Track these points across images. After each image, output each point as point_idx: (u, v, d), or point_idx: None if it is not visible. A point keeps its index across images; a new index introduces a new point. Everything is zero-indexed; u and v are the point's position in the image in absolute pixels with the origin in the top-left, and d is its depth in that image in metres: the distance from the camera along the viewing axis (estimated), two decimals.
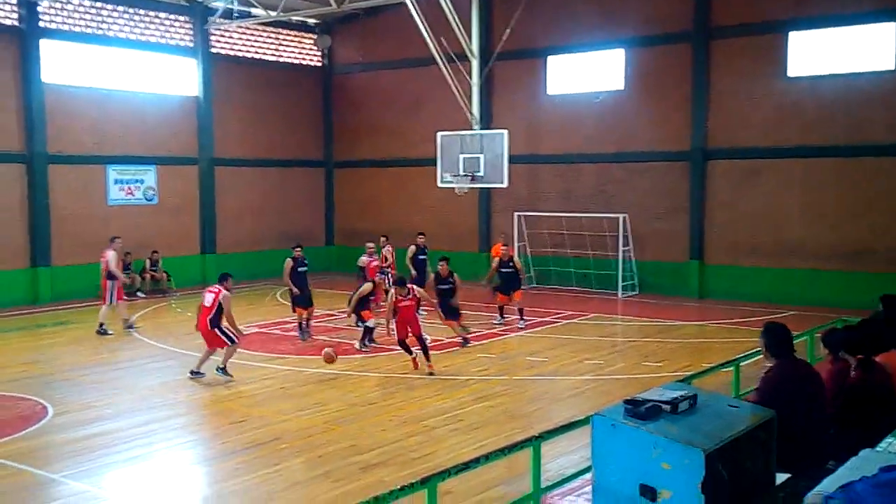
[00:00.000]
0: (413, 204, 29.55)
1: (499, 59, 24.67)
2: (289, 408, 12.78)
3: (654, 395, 6.04)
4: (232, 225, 28.23)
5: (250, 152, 29.01)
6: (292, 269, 18.18)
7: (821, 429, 6.84)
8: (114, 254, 19.28)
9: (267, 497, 9.30)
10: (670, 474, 5.46)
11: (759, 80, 23.25)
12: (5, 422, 12.12)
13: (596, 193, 25.91)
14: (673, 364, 15.59)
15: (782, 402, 6.43)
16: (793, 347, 7.07)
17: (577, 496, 8.96)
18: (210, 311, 14.30)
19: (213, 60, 27.76)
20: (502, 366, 15.75)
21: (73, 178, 24.39)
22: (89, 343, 18.14)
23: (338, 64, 31.48)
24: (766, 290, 22.97)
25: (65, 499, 9.31)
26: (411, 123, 29.23)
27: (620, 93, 25.41)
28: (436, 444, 11.11)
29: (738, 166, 23.71)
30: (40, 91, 23.36)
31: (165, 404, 13.14)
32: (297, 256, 18.53)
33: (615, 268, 24.76)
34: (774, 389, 6.65)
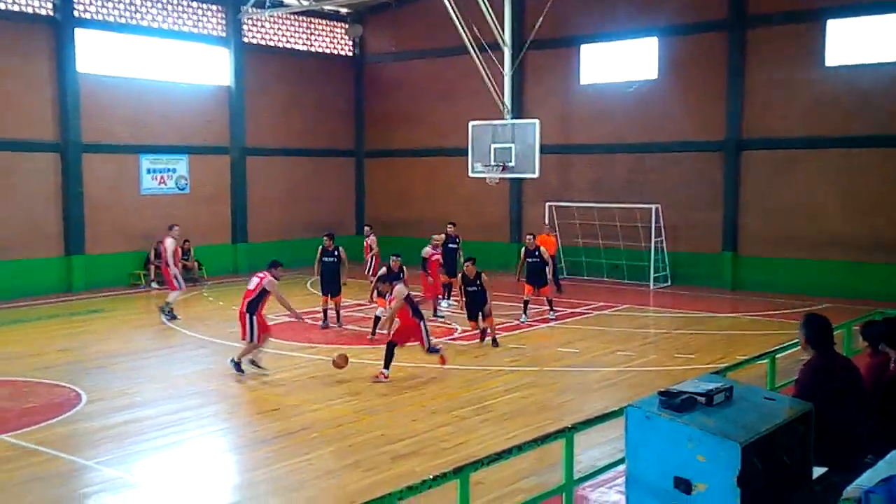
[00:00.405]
0: (444, 194, 29.50)
1: (531, 49, 24.50)
2: (320, 397, 12.78)
3: (690, 387, 5.97)
4: (263, 214, 28.32)
5: (282, 142, 29.08)
6: (319, 257, 18.74)
7: (859, 422, 6.72)
8: (172, 241, 19.47)
9: (298, 485, 9.30)
10: (705, 467, 5.39)
11: (795, 70, 22.94)
12: (39, 408, 12.23)
13: (628, 184, 25.71)
14: (706, 356, 15.43)
15: (821, 395, 6.32)
16: (832, 340, 6.94)
17: (609, 488, 8.87)
18: (251, 295, 14.16)
19: (246, 50, 27.83)
20: (533, 357, 15.67)
21: (107, 167, 24.58)
22: (122, 331, 18.29)
23: (369, 53, 31.46)
24: (801, 282, 22.69)
25: (97, 485, 9.37)
26: (443, 113, 29.16)
27: (654, 82, 25.18)
28: (466, 434, 11.06)
29: (773, 156, 23.42)
30: (75, 81, 23.55)
31: (197, 392, 13.20)
32: (325, 246, 18.72)
33: (647, 259, 24.57)
34: (813, 382, 6.54)
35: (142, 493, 9.28)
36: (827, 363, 6.70)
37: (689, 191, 24.72)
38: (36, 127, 23.13)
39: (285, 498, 8.99)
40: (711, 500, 5.37)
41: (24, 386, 13.48)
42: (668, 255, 24.86)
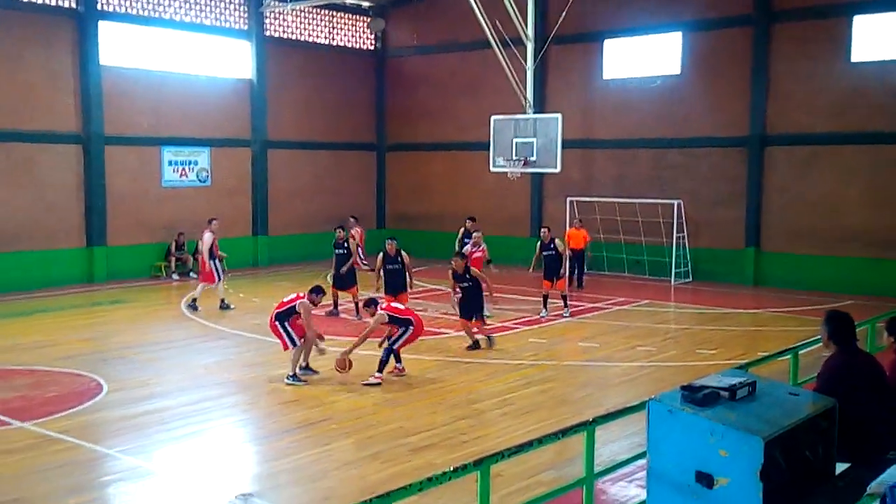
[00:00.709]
0: (465, 188, 29.48)
1: (554, 43, 24.44)
2: (339, 388, 12.80)
3: (712, 382, 5.94)
4: (284, 207, 28.38)
5: (303, 135, 29.14)
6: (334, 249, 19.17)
7: (881, 419, 6.66)
8: (210, 235, 19.66)
9: (318, 476, 9.31)
10: (728, 461, 5.36)
11: (821, 65, 22.74)
12: (61, 397, 12.32)
13: (650, 179, 25.60)
14: (727, 352, 15.34)
15: (843, 391, 6.27)
16: (855, 336, 6.88)
17: (629, 482, 8.84)
18: (282, 307, 13.44)
19: (267, 43, 27.89)
20: (553, 351, 15.64)
21: (129, 159, 24.71)
22: (143, 322, 18.39)
23: (391, 47, 31.45)
24: (824, 278, 22.53)
25: (118, 473, 9.43)
26: (464, 107, 29.12)
27: (677, 77, 25.04)
28: (486, 427, 11.05)
29: (797, 152, 23.24)
30: (98, 73, 23.67)
31: (218, 383, 13.25)
32: (337, 238, 19.22)
33: (668, 255, 24.46)
34: (836, 377, 6.49)
35: (162, 481, 9.32)
36: (849, 359, 6.65)
37: (712, 186, 24.58)
38: (59, 119, 23.28)
39: (305, 488, 9.01)
40: (733, 494, 5.34)
41: (46, 375, 13.57)
42: (689, 251, 24.73)
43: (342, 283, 18.90)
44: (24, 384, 13.01)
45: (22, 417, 11.23)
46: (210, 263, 19.56)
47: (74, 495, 8.72)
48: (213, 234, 19.73)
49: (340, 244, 18.98)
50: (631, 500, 8.24)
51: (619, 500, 8.43)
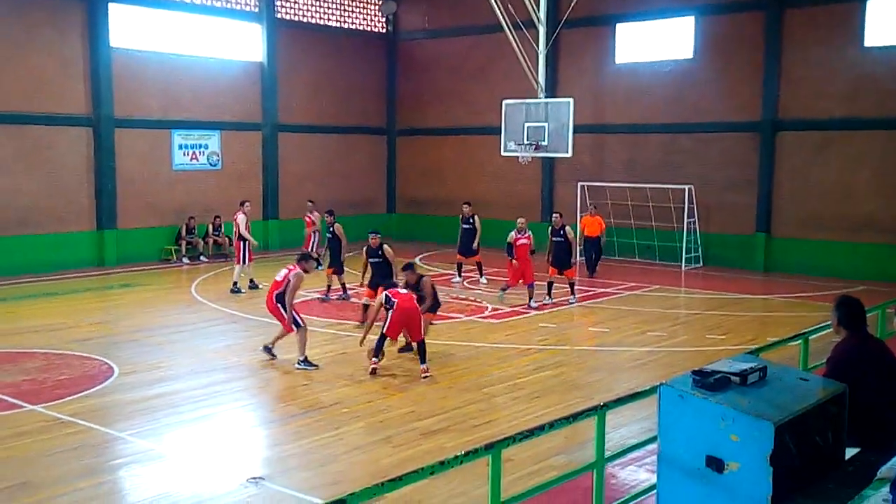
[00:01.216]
0: (476, 172, 29.43)
1: (566, 27, 24.30)
2: (349, 372, 12.83)
3: (723, 367, 5.93)
4: (294, 191, 28.37)
5: (314, 119, 29.11)
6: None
7: (892, 404, 6.63)
8: (244, 217, 19.98)
9: (328, 460, 9.34)
10: (738, 446, 5.36)
11: (833, 50, 22.59)
12: (73, 380, 12.37)
13: (662, 164, 25.50)
14: (737, 337, 15.32)
15: (853, 376, 6.26)
16: (865, 322, 6.86)
17: (639, 466, 8.85)
18: (278, 287, 13.41)
19: (278, 26, 27.83)
20: (563, 336, 15.63)
21: (140, 142, 24.72)
22: (154, 305, 18.43)
23: (402, 30, 31.36)
24: (835, 265, 22.46)
25: (130, 456, 9.47)
26: (476, 91, 29.05)
27: (690, 62, 24.91)
28: (496, 411, 11.06)
29: (809, 138, 23.12)
30: (108, 56, 23.65)
31: (228, 367, 13.29)
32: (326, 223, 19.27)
33: (679, 240, 24.39)
34: (846, 363, 6.47)
35: (172, 464, 9.36)
36: (859, 344, 6.63)
37: (723, 172, 24.48)
38: (69, 102, 23.28)
39: (315, 472, 9.03)
40: (744, 479, 5.33)
41: (57, 358, 13.63)
42: (700, 236, 24.66)
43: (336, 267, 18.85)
44: (35, 367, 13.07)
45: (33, 400, 11.28)
46: (239, 244, 19.92)
47: (86, 478, 8.77)
48: (246, 217, 20.12)
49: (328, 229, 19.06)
50: (641, 484, 8.24)
51: (630, 485, 8.44)
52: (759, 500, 5.24)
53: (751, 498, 5.28)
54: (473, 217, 21.21)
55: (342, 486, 8.16)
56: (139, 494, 8.44)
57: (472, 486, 8.09)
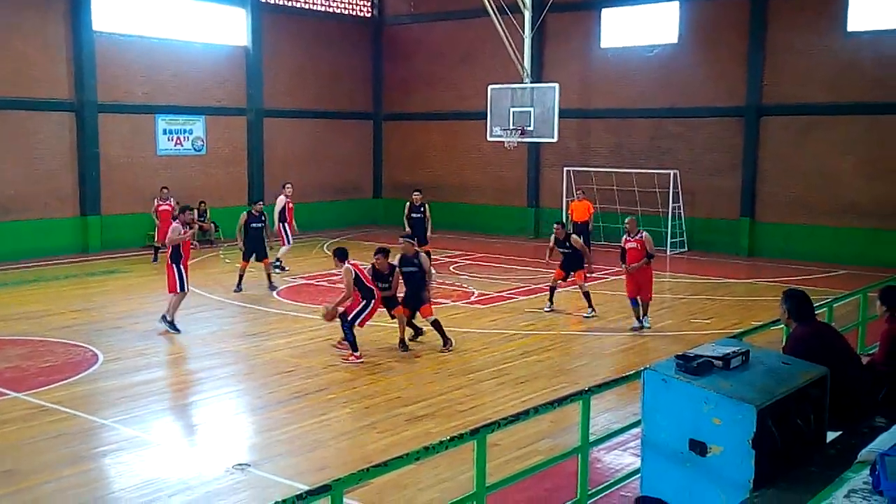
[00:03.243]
0: (461, 157, 29.43)
1: (552, 11, 24.28)
2: (335, 359, 12.82)
3: (706, 351, 5.97)
4: (280, 176, 28.12)
5: (299, 104, 29.00)
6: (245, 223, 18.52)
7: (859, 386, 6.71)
8: (283, 198, 20.66)
9: (314, 446, 9.36)
10: (721, 429, 5.41)
11: (817, 36, 22.67)
12: (57, 368, 12.33)
13: (647, 149, 25.56)
14: (721, 321, 15.41)
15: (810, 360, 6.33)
16: (814, 311, 6.96)
17: (624, 450, 8.91)
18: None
19: (263, 10, 27.68)
20: (549, 321, 15.66)
21: (123, 127, 24.58)
22: (138, 291, 18.37)
23: (388, 15, 31.25)
24: (818, 249, 22.58)
25: (116, 444, 9.45)
26: (461, 76, 29.00)
27: (674, 46, 24.94)
28: (482, 397, 11.10)
29: (794, 123, 23.21)
30: (91, 40, 23.45)
31: (214, 353, 13.28)
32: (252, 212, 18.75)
33: (664, 224, 24.46)
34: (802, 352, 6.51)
35: (159, 451, 9.36)
36: (811, 332, 6.74)
37: (709, 156, 24.56)
38: (51, 86, 23.10)
39: (302, 458, 9.05)
40: (726, 462, 5.38)
41: (41, 345, 13.58)
42: (685, 221, 24.75)
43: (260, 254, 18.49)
44: (19, 354, 13.02)
45: (17, 388, 11.24)
46: (280, 227, 20.34)
47: (71, 465, 8.75)
48: (287, 198, 20.58)
49: (257, 218, 18.51)
50: (626, 468, 8.30)
51: (614, 469, 8.49)
52: (741, 483, 5.29)
53: (733, 481, 5.33)
54: (424, 205, 20.13)
55: (328, 472, 8.17)
56: (125, 481, 8.44)
57: (458, 471, 8.13)
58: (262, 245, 18.46)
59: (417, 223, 20.04)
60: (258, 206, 19.05)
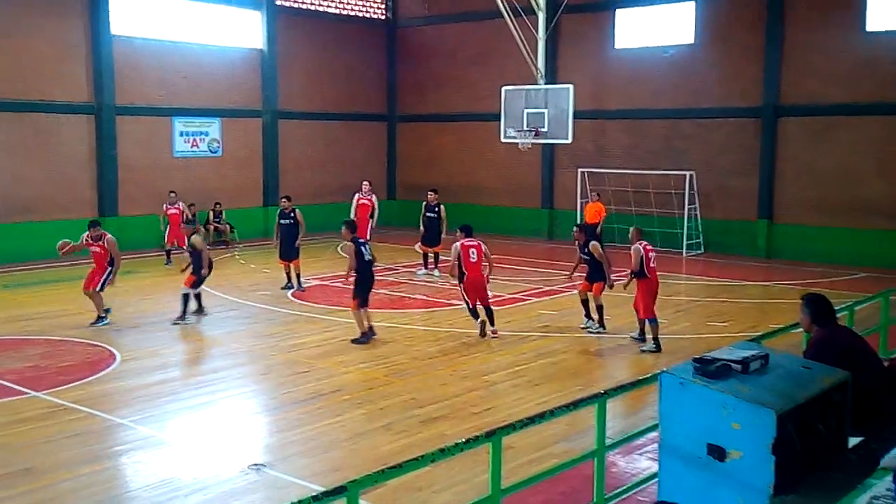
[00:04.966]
0: (476, 159, 29.40)
1: (566, 12, 24.22)
2: (351, 360, 12.84)
3: (725, 355, 5.91)
4: (295, 178, 28.34)
5: (314, 105, 29.05)
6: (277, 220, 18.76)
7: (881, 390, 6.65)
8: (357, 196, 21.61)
9: (329, 446, 9.36)
10: (740, 434, 5.35)
11: (835, 35, 22.52)
12: (75, 367, 12.39)
13: (663, 150, 25.46)
14: (739, 325, 15.32)
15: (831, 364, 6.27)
16: (834, 315, 6.91)
17: (640, 454, 8.86)
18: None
19: (278, 13, 27.74)
20: (564, 323, 15.61)
21: (140, 129, 24.69)
22: (155, 292, 18.42)
23: (402, 17, 31.26)
24: (837, 251, 22.42)
25: (132, 443, 9.48)
26: (475, 78, 28.98)
27: (690, 46, 24.84)
28: (497, 399, 11.07)
29: (811, 123, 23.07)
30: (109, 43, 23.59)
31: (230, 353, 13.31)
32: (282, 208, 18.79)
33: (680, 226, 24.37)
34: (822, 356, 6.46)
35: (174, 451, 9.38)
36: (831, 336, 6.70)
37: (725, 157, 24.44)
38: (71, 89, 23.26)
39: (316, 459, 9.04)
40: (745, 467, 5.32)
41: (59, 345, 13.65)
42: (701, 223, 24.64)
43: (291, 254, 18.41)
44: (37, 354, 13.09)
45: (35, 387, 11.30)
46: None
47: (88, 464, 8.78)
48: (360, 195, 21.33)
49: (286, 214, 18.58)
50: (642, 472, 8.25)
51: (631, 473, 8.45)
52: (761, 489, 5.23)
53: (753, 486, 5.27)
54: (439, 206, 20.28)
55: (343, 473, 8.16)
56: (141, 481, 8.46)
57: (473, 473, 8.10)
58: (291, 244, 18.28)
59: (432, 223, 20.19)
60: (283, 202, 18.95)
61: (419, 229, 20.68)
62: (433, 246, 20.24)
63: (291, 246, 18.28)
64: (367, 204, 21.37)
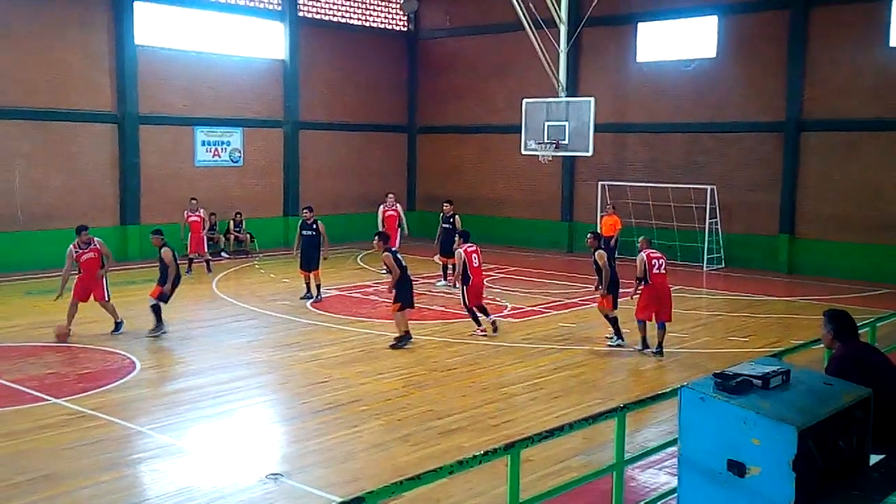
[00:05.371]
0: (496, 171, 29.42)
1: (587, 26, 24.23)
2: (369, 370, 12.84)
3: (745, 370, 5.87)
4: (315, 188, 28.43)
5: (335, 116, 29.16)
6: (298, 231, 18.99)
7: None
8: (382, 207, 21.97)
9: (346, 457, 9.35)
10: (760, 450, 5.30)
11: (859, 50, 22.40)
12: (95, 375, 12.46)
13: (684, 164, 25.37)
14: (759, 340, 15.22)
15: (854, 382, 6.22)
16: (857, 331, 6.90)
17: (659, 469, 8.80)
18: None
19: (301, 24, 27.89)
20: (583, 336, 15.57)
21: (163, 138, 24.87)
22: (176, 300, 18.43)
23: (424, 29, 31.36)
24: (860, 267, 22.24)
25: (150, 451, 9.52)
26: (496, 90, 29.02)
27: (712, 60, 24.76)
28: (515, 411, 11.04)
29: (834, 138, 22.93)
30: (133, 53, 23.80)
31: (249, 363, 13.34)
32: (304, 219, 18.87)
33: (701, 240, 24.25)
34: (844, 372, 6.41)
35: (192, 460, 9.41)
36: (853, 352, 6.65)
37: (747, 172, 24.32)
38: (94, 98, 23.47)
39: (334, 469, 9.05)
40: (765, 483, 5.28)
41: (81, 352, 13.75)
42: (722, 237, 24.52)
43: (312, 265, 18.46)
44: (59, 361, 13.18)
45: (56, 394, 11.37)
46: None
47: (107, 471, 8.82)
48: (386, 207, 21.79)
49: (308, 225, 18.65)
50: (661, 487, 8.20)
51: (650, 488, 8.40)
52: None
53: (773, 503, 5.23)
54: (454, 217, 20.54)
55: (360, 484, 8.17)
56: (159, 489, 8.49)
57: (491, 485, 8.08)
58: (311, 254, 18.33)
59: (446, 233, 20.33)
60: (305, 212, 19.06)
61: (435, 241, 20.84)
62: (449, 256, 20.26)
63: (312, 256, 18.33)
64: (393, 214, 21.66)
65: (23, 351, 13.81)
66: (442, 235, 20.53)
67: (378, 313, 17.05)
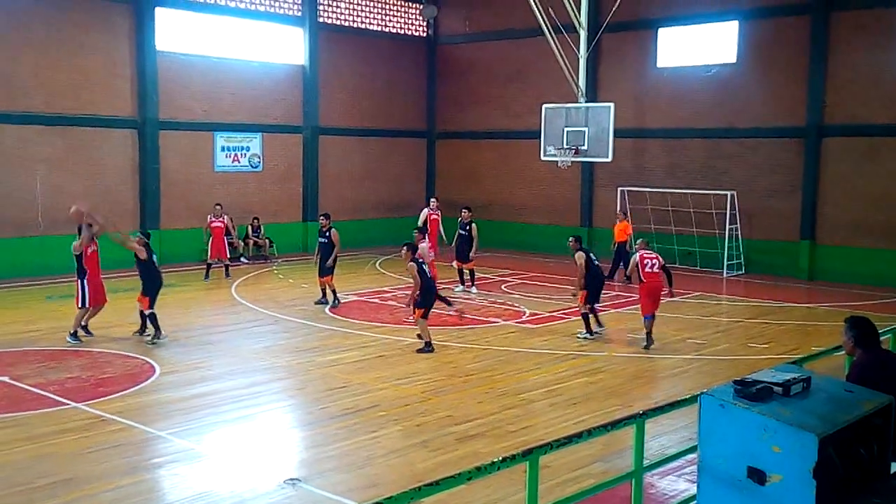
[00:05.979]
0: (515, 176, 29.39)
1: (607, 31, 24.21)
2: (387, 376, 12.85)
3: (766, 377, 5.84)
4: (334, 193, 28.51)
5: (354, 122, 29.24)
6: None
7: None
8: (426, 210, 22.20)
9: (365, 462, 9.36)
10: (781, 458, 5.27)
11: (880, 55, 22.27)
12: (115, 379, 12.53)
13: (704, 169, 25.27)
14: (780, 347, 15.12)
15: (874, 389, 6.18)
16: (878, 338, 6.88)
17: (679, 476, 8.76)
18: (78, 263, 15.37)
19: (320, 30, 27.99)
20: (602, 342, 15.52)
21: (183, 144, 25.00)
22: (195, 305, 18.61)
23: (443, 34, 31.40)
24: (881, 273, 22.06)
25: (169, 455, 9.56)
26: (515, 95, 29.01)
27: (733, 66, 24.66)
28: (533, 417, 11.02)
29: (856, 144, 22.78)
30: (153, 59, 23.93)
31: (268, 368, 13.38)
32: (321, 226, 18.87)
33: (720, 246, 24.13)
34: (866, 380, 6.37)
35: (211, 464, 9.44)
36: (875, 360, 6.60)
37: (767, 178, 24.19)
38: (115, 104, 23.62)
39: (352, 475, 9.05)
40: (786, 491, 5.24)
41: (99, 357, 13.82)
42: (742, 243, 24.39)
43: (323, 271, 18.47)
44: (79, 365, 13.26)
45: (77, 398, 11.44)
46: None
47: (128, 475, 8.87)
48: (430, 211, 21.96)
49: (323, 233, 18.63)
50: (680, 494, 8.16)
51: (669, 494, 8.36)
52: None
53: None
54: (471, 224, 20.53)
55: (379, 490, 8.18)
56: (178, 493, 8.52)
57: (508, 492, 8.07)
58: (324, 261, 18.33)
59: (461, 239, 20.48)
60: (321, 220, 19.12)
61: (452, 246, 20.98)
62: (465, 261, 20.34)
63: (324, 264, 18.39)
64: (437, 218, 21.88)
65: (44, 355, 13.90)
66: (458, 241, 20.58)
67: (396, 319, 17.07)
